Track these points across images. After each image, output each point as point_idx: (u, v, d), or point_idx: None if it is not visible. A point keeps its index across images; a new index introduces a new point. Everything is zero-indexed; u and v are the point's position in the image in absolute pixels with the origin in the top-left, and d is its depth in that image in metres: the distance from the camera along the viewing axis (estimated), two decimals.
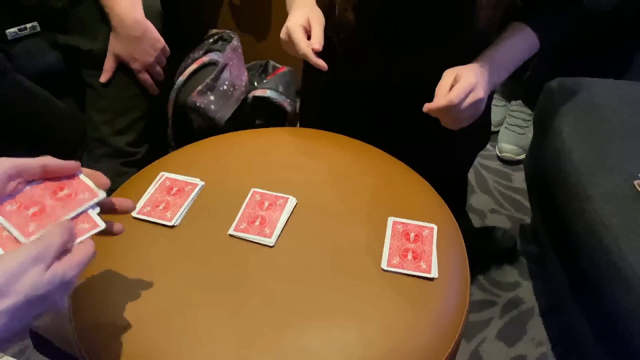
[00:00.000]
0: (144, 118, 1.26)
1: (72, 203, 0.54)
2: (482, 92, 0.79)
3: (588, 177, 0.94)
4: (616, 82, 1.16)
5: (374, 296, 0.68)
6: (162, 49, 1.18)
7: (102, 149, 1.24)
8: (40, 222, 0.52)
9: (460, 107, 0.77)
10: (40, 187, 0.54)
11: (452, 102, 0.76)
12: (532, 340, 1.20)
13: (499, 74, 0.84)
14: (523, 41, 0.87)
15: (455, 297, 0.71)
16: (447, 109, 0.77)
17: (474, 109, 0.79)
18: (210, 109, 1.28)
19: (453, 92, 0.77)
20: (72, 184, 0.55)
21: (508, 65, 0.86)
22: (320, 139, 0.94)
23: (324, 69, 0.81)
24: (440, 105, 0.77)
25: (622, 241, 0.85)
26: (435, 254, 0.73)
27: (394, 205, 0.80)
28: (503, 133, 1.66)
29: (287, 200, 0.79)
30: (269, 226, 0.75)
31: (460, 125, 0.82)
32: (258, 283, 0.69)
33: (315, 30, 0.83)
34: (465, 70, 0.80)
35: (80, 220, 0.54)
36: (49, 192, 0.54)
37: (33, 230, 0.51)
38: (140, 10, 1.13)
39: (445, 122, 0.82)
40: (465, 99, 0.77)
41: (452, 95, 0.76)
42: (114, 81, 1.18)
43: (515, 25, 0.88)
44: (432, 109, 0.78)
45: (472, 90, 0.78)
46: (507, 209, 1.50)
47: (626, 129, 1.02)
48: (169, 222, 0.76)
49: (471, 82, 0.78)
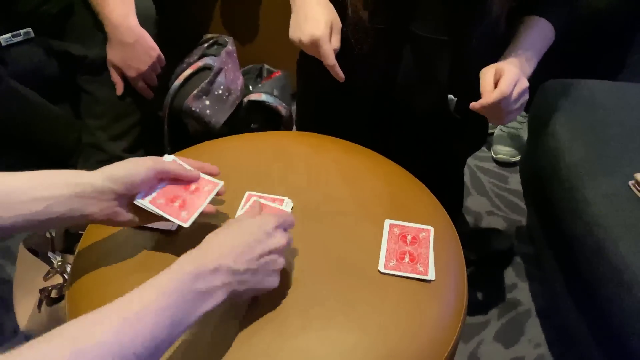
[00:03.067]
0: (139, 123, 1.26)
1: (202, 194, 0.70)
2: (526, 81, 0.81)
3: (584, 178, 0.95)
4: (610, 83, 1.17)
5: (372, 298, 0.68)
6: (157, 57, 1.17)
7: (97, 155, 1.23)
8: (188, 210, 0.68)
9: (511, 98, 0.79)
10: (174, 185, 0.70)
11: (505, 94, 0.77)
12: (530, 341, 1.20)
13: (529, 67, 0.86)
14: (542, 32, 0.90)
15: (452, 299, 0.71)
16: (499, 102, 0.78)
17: (522, 99, 0.82)
18: (206, 113, 1.28)
19: (502, 84, 0.78)
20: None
21: (534, 58, 0.88)
22: (316, 142, 0.94)
23: (342, 80, 0.83)
24: (493, 99, 0.78)
25: (620, 242, 0.85)
26: (432, 256, 0.73)
27: (391, 207, 0.80)
28: (498, 135, 1.67)
29: (282, 202, 0.79)
30: None
31: (510, 118, 0.83)
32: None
33: (335, 40, 0.84)
34: (504, 65, 0.82)
35: None
36: (183, 188, 0.70)
37: (185, 217, 0.67)
38: (134, 17, 1.13)
39: (495, 118, 0.83)
40: (514, 90, 0.79)
41: (504, 88, 0.78)
42: (110, 87, 1.18)
43: (529, 19, 0.90)
44: (485, 104, 0.79)
45: (518, 81, 0.80)
46: (503, 211, 1.50)
47: (621, 130, 1.03)
48: (168, 227, 0.75)
49: (516, 73, 0.80)
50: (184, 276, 0.53)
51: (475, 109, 0.80)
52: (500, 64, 0.82)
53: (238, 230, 0.59)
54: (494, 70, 0.81)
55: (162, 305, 0.49)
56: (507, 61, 0.84)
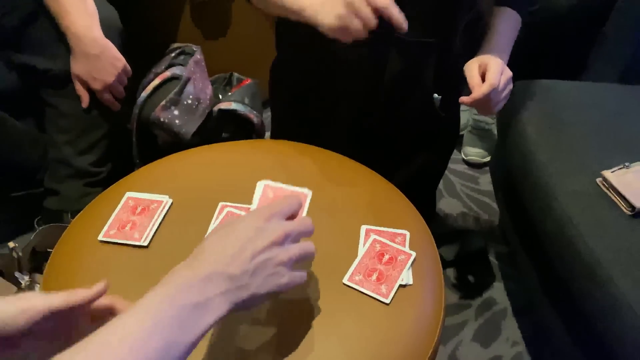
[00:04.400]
0: (107, 136, 1.23)
1: None
2: (509, 70, 0.85)
3: (554, 177, 0.96)
4: (576, 83, 1.20)
5: (348, 307, 0.68)
6: (123, 68, 1.15)
7: (64, 170, 1.20)
8: None
9: (499, 88, 0.82)
10: None
11: (494, 85, 0.81)
12: (507, 340, 1.21)
13: (506, 55, 0.89)
14: (511, 21, 0.93)
15: (430, 302, 0.71)
16: (489, 94, 0.81)
17: (508, 88, 0.85)
18: (175, 123, 1.26)
19: (490, 76, 0.81)
20: None
21: (508, 46, 0.91)
22: (290, 150, 0.93)
23: (404, 30, 0.73)
24: (484, 92, 0.81)
25: (590, 238, 0.87)
26: (410, 261, 0.73)
27: (367, 213, 0.80)
28: (467, 137, 1.69)
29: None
30: None
31: (499, 107, 0.86)
32: None
33: None
34: (487, 57, 0.85)
35: None
36: None
37: None
38: (98, 28, 1.10)
39: (485, 109, 0.86)
40: (501, 80, 0.82)
41: (493, 80, 0.81)
42: (75, 100, 1.15)
43: (497, 10, 0.93)
44: (477, 98, 0.81)
45: (503, 71, 0.83)
46: (475, 212, 1.52)
47: (587, 129, 1.05)
48: (138, 242, 0.73)
49: (500, 63, 0.83)
50: (172, 290, 0.47)
51: (466, 103, 0.83)
52: (483, 57, 0.85)
53: (227, 232, 0.53)
54: (477, 64, 0.84)
55: (149, 326, 0.44)
56: (488, 53, 0.86)
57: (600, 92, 1.18)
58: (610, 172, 0.92)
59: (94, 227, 0.76)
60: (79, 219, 0.80)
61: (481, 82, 0.82)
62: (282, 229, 0.54)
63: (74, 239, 0.76)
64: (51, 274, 0.72)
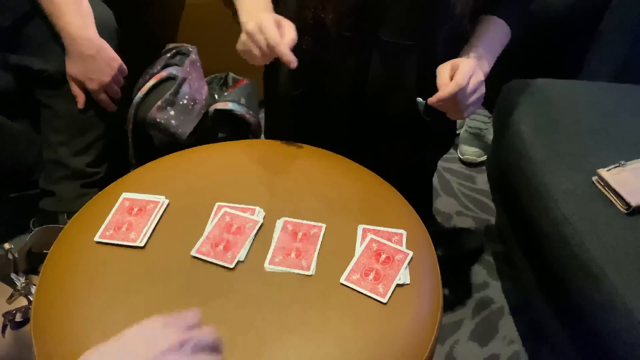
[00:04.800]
0: (103, 137, 1.23)
1: None
2: (481, 74, 0.82)
3: (549, 176, 0.96)
4: (570, 82, 1.20)
5: (347, 306, 0.68)
6: (119, 68, 1.15)
7: (60, 171, 1.20)
8: None
9: (467, 90, 0.79)
10: None
11: (461, 85, 0.78)
12: (504, 338, 1.21)
13: (486, 63, 0.88)
14: (497, 30, 0.92)
15: (428, 302, 0.71)
16: (455, 95, 0.79)
17: (478, 92, 0.82)
18: (171, 124, 1.26)
19: (457, 76, 0.79)
20: None
21: (490, 55, 0.90)
22: (286, 150, 0.93)
23: (293, 66, 0.78)
24: (449, 91, 0.78)
25: (585, 236, 0.87)
26: (407, 260, 0.73)
27: (364, 212, 0.80)
28: (463, 136, 1.69)
29: (254, 211, 0.78)
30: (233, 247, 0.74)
31: (469, 111, 0.84)
32: (226, 303, 0.68)
33: (290, 31, 0.79)
34: (460, 59, 0.83)
35: None
36: None
37: None
38: (93, 28, 1.10)
39: (453, 112, 0.84)
40: (470, 82, 0.80)
41: (459, 79, 0.78)
42: (71, 101, 1.15)
43: (485, 19, 0.93)
44: (442, 97, 0.79)
45: (473, 74, 0.81)
46: (472, 211, 1.52)
47: (582, 127, 1.05)
48: (135, 243, 0.73)
49: (471, 65, 0.81)
50: None
51: (433, 104, 0.81)
52: (456, 60, 0.83)
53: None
54: (449, 66, 0.82)
55: None
56: (464, 56, 0.86)
57: (595, 91, 1.18)
58: (606, 170, 0.92)
59: (90, 228, 0.76)
60: (75, 220, 0.80)
61: (448, 82, 0.80)
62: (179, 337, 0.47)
63: (70, 240, 0.76)
64: (47, 275, 0.72)
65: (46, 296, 0.69)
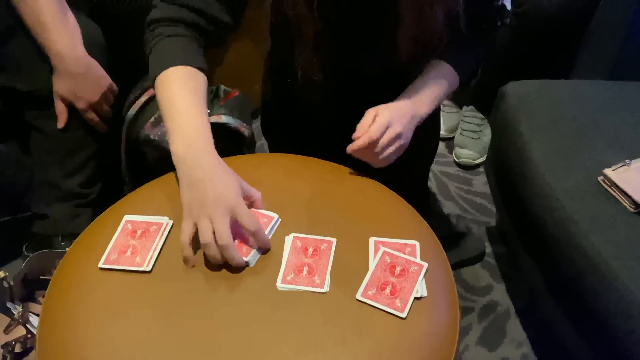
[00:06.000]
0: (94, 156, 1.20)
1: None
2: (400, 127, 0.83)
3: (552, 174, 0.96)
4: (565, 81, 1.20)
5: (364, 323, 0.66)
6: (109, 87, 1.13)
7: (52, 193, 1.17)
8: None
9: (380, 142, 0.81)
10: None
11: (372, 139, 0.80)
12: (513, 341, 1.20)
13: (421, 107, 0.88)
14: (442, 76, 0.91)
15: (446, 313, 0.69)
16: (369, 146, 0.81)
17: (396, 143, 0.83)
18: (165, 140, 1.23)
19: (371, 129, 0.81)
20: None
21: (430, 99, 0.89)
22: (289, 163, 0.91)
23: None
24: (362, 143, 0.80)
25: (594, 236, 0.86)
26: (423, 272, 0.71)
27: (374, 224, 0.78)
28: (458, 139, 1.69)
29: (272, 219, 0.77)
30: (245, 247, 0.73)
31: (387, 161, 0.85)
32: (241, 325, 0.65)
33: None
34: (381, 109, 0.84)
35: None
36: None
37: None
38: (81, 46, 1.07)
39: (372, 161, 0.85)
40: (384, 135, 0.81)
41: (371, 132, 0.81)
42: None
43: (435, 63, 0.92)
44: (355, 148, 0.81)
45: (389, 126, 0.82)
46: (471, 213, 1.51)
47: (582, 126, 1.05)
48: (141, 267, 0.71)
49: (387, 118, 0.82)
50: None
51: (349, 153, 0.83)
52: (379, 108, 0.84)
53: None
54: (374, 114, 0.83)
55: None
56: (389, 105, 0.85)
57: (591, 88, 1.19)
58: (611, 170, 0.91)
59: (93, 253, 0.73)
60: (75, 245, 0.77)
61: (364, 132, 0.81)
62: None
63: (73, 267, 0.73)
64: (51, 304, 0.69)
65: (51, 326, 0.66)
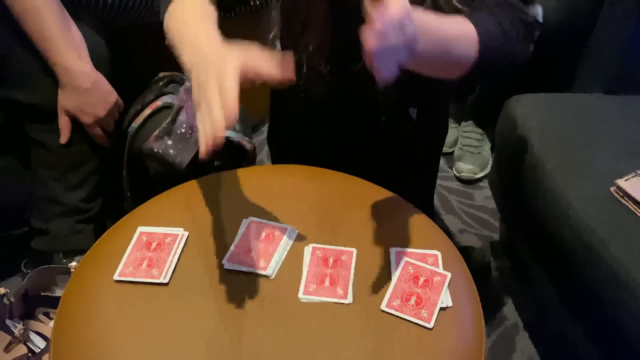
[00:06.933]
0: (96, 171, 1.18)
1: None
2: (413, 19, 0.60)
3: (567, 186, 0.96)
4: (571, 95, 1.21)
5: (391, 334, 0.64)
6: (115, 102, 1.11)
7: (53, 208, 1.14)
8: None
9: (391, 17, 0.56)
10: None
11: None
12: (523, 354, 1.19)
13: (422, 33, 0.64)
14: (459, 24, 0.74)
15: (471, 323, 0.69)
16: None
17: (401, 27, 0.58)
18: (169, 153, 1.21)
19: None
20: None
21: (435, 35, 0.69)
22: (301, 174, 0.90)
23: None
24: None
25: (610, 244, 0.86)
26: (447, 281, 0.70)
27: (394, 235, 0.77)
28: (458, 154, 1.69)
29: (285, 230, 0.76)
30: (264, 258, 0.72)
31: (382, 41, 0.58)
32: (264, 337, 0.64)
33: None
34: None
35: None
36: None
37: None
38: (88, 60, 1.06)
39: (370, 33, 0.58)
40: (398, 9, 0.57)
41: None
42: None
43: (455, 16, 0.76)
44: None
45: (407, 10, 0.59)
46: (474, 228, 1.51)
47: (590, 137, 1.06)
48: (158, 280, 0.69)
49: None
50: None
51: None
52: None
53: None
54: None
55: None
56: None
57: (594, 102, 1.19)
58: (624, 180, 0.92)
59: (106, 266, 0.71)
60: (87, 258, 0.75)
61: None
62: None
63: (87, 280, 0.71)
64: (64, 318, 0.66)
65: (66, 343, 0.64)
